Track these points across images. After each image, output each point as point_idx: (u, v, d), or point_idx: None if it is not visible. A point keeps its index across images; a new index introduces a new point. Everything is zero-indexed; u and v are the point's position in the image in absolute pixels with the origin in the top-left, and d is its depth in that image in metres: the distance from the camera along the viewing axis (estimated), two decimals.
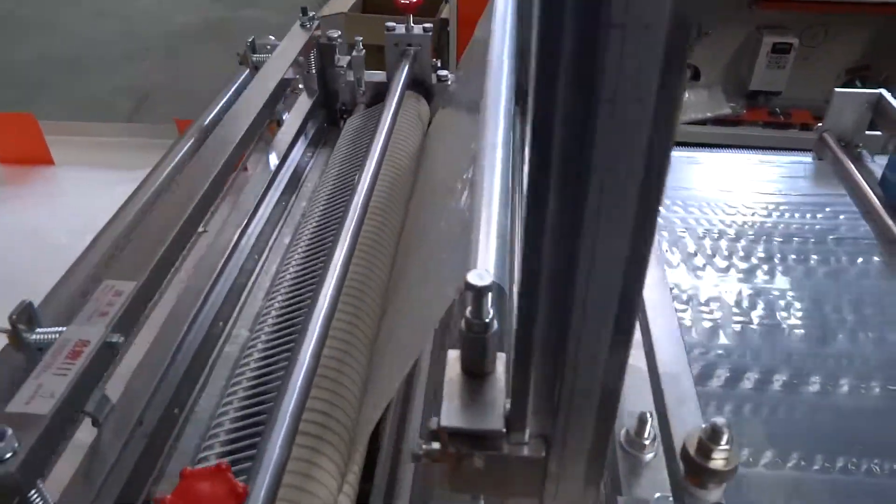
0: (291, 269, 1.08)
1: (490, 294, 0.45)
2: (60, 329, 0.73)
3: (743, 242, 1.21)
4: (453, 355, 0.50)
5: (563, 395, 0.42)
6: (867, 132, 1.41)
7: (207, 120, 1.33)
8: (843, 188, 1.32)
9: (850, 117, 1.42)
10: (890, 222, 1.19)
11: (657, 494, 0.50)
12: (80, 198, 1.56)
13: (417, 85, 1.52)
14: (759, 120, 3.04)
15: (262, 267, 1.17)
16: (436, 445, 0.47)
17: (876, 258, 1.14)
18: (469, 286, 0.45)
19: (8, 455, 0.60)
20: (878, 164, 1.34)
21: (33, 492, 0.62)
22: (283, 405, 0.72)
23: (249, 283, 1.13)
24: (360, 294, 0.98)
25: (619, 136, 0.31)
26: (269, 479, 0.64)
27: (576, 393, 0.42)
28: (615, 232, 0.34)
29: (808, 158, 1.47)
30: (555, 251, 0.35)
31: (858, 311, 1.05)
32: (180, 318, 0.93)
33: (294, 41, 1.43)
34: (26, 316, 0.73)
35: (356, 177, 1.11)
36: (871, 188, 1.26)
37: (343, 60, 1.54)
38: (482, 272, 0.45)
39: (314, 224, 1.17)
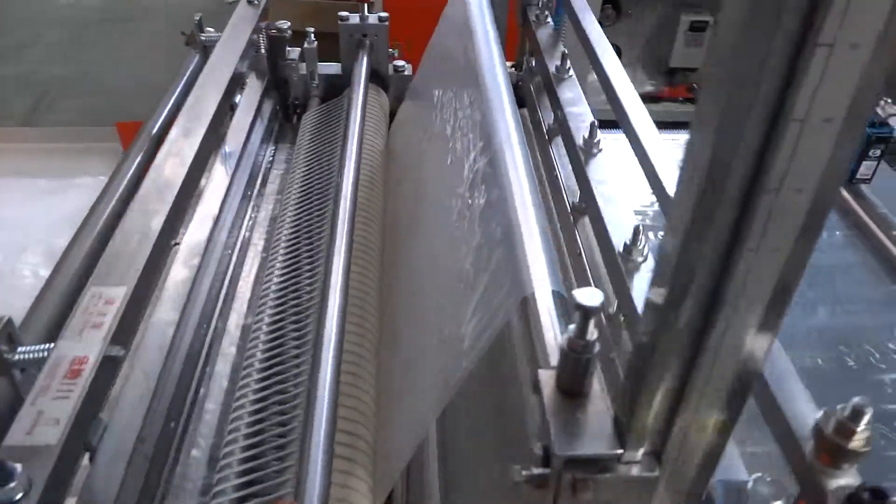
0: (276, 279, 1.03)
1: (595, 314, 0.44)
2: (47, 346, 0.66)
3: None
4: (547, 375, 0.48)
5: (685, 410, 0.42)
6: None
7: (161, 119, 1.24)
8: None
9: None
10: (846, 194, 1.25)
11: (756, 475, 0.51)
12: (12, 210, 1.43)
13: (375, 77, 1.47)
14: (679, 96, 3.15)
15: (239, 273, 1.11)
16: (539, 471, 0.45)
17: (838, 232, 1.21)
18: (579, 306, 0.43)
19: (19, 496, 0.52)
20: None
21: None
22: (313, 435, 0.69)
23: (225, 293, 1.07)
24: (362, 303, 0.95)
25: (805, 156, 0.30)
26: None
27: (701, 407, 0.41)
28: (778, 243, 0.33)
29: None
30: (710, 267, 0.34)
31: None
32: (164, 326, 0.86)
33: (242, 25, 1.33)
34: (6, 334, 0.65)
35: (336, 180, 1.08)
36: None
37: (294, 53, 1.47)
38: (592, 292, 0.43)
39: (291, 230, 1.12)
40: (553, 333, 0.54)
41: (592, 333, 0.44)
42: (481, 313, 0.64)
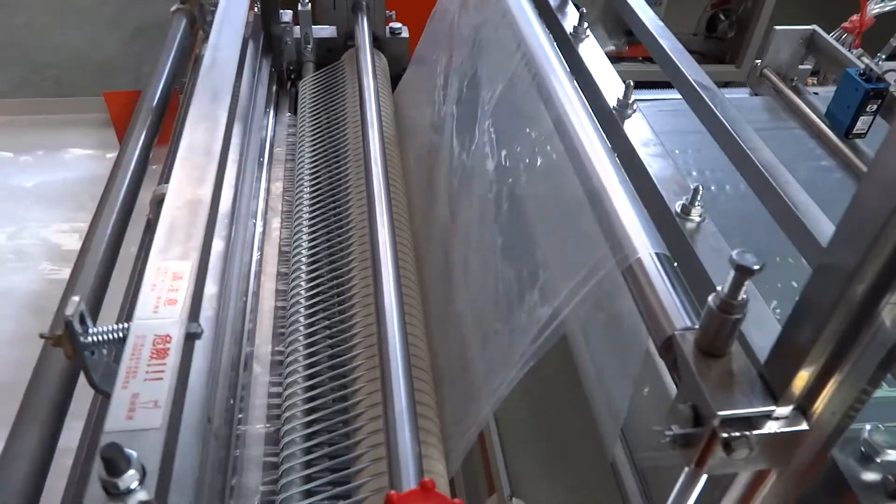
0: (306, 244, 1.02)
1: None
2: (120, 326, 0.61)
3: None
4: (685, 336, 0.48)
5: (838, 372, 0.43)
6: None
7: (160, 86, 1.18)
8: (794, 121, 1.42)
9: (786, 53, 1.51)
10: (844, 148, 1.29)
11: (872, 423, 0.52)
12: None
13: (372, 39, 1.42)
14: (640, 55, 3.18)
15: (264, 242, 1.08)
16: (689, 430, 0.46)
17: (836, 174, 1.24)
18: (739, 266, 0.43)
19: (135, 485, 0.49)
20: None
21: None
22: (395, 406, 0.68)
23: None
24: (405, 271, 0.93)
25: None
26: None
27: (854, 370, 0.42)
28: None
29: (744, 94, 1.55)
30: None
31: None
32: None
33: None
34: (79, 314, 0.60)
35: (362, 153, 1.06)
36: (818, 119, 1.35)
37: (286, 15, 1.41)
38: (750, 254, 0.43)
39: (313, 197, 1.10)
40: (669, 297, 0.54)
41: (744, 295, 0.44)
42: (572, 282, 0.64)
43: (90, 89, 1.63)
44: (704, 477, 0.51)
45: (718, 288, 0.45)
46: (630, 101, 0.94)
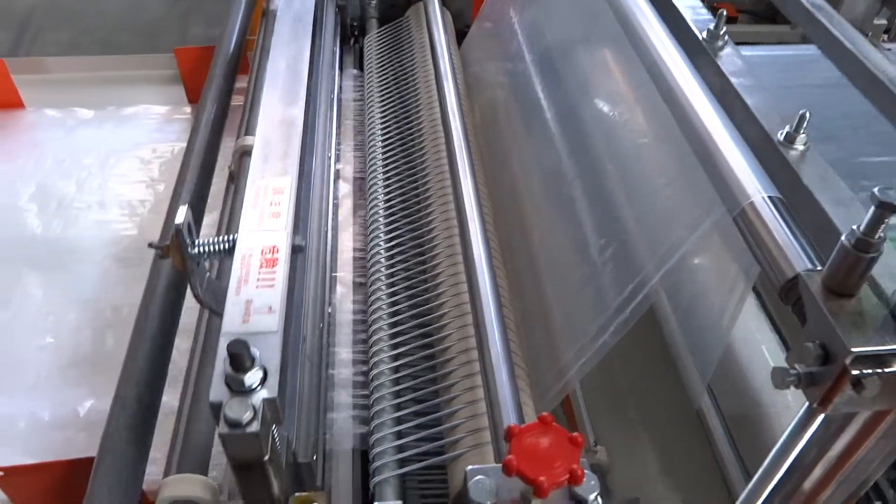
0: (382, 205, 1.03)
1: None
2: (225, 238, 0.63)
3: None
4: (812, 276, 0.48)
5: None
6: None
7: (234, 40, 1.20)
8: None
9: (862, 6, 1.46)
10: None
11: None
12: (65, 143, 1.38)
13: None
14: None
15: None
16: (817, 368, 0.46)
17: None
18: (883, 204, 0.43)
19: (256, 384, 0.50)
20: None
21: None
22: (491, 348, 0.69)
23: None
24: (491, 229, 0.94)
25: None
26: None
27: None
28: None
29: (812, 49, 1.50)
30: None
31: None
32: None
33: None
34: (186, 225, 0.62)
35: (438, 105, 1.06)
36: None
37: None
38: (894, 190, 0.43)
39: (386, 157, 1.11)
40: (788, 239, 0.53)
41: (882, 232, 0.44)
42: (675, 234, 0.64)
43: (137, 50, 1.67)
44: (820, 418, 0.52)
45: (854, 226, 0.45)
46: (721, 32, 0.90)
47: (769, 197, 0.57)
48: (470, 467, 0.54)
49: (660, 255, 0.67)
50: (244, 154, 1.03)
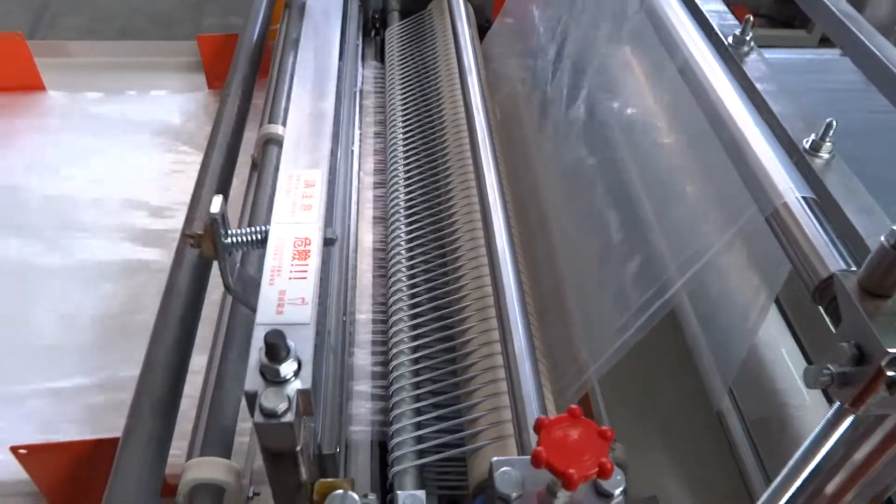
0: (403, 196, 1.03)
1: None
2: (258, 228, 0.64)
3: None
4: (847, 277, 0.48)
5: None
6: None
7: (257, 30, 1.20)
8: None
9: (885, 9, 1.46)
10: None
11: None
12: (85, 127, 1.38)
13: None
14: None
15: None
16: (850, 369, 0.46)
17: None
18: None
19: (290, 375, 0.50)
20: None
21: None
22: (515, 344, 0.70)
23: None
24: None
25: None
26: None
27: None
28: None
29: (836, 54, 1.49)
30: None
31: None
32: None
33: None
34: (221, 215, 0.62)
35: (462, 99, 1.06)
36: None
37: None
38: None
39: (408, 149, 1.11)
40: (822, 240, 0.53)
41: None
42: (704, 235, 0.64)
43: (152, 38, 1.68)
44: (849, 419, 0.52)
45: (893, 226, 0.45)
46: (747, 38, 0.90)
47: (803, 197, 0.57)
48: (495, 458, 0.54)
49: (686, 256, 0.67)
50: (268, 142, 1.04)
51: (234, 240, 0.63)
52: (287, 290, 0.57)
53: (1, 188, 1.27)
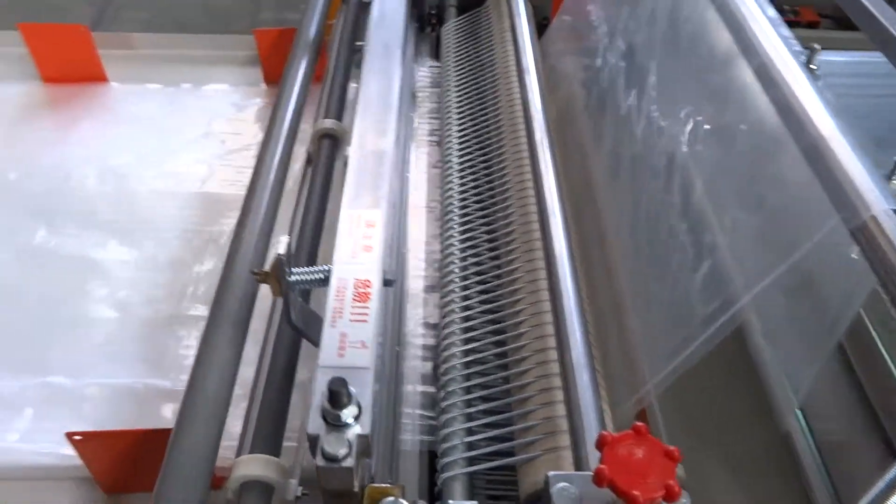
0: (457, 202, 1.01)
1: None
2: (321, 268, 0.65)
3: None
4: None
5: None
6: None
7: (314, 24, 1.21)
8: None
9: None
10: None
11: None
12: (144, 119, 1.41)
13: None
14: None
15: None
16: None
17: None
18: None
19: (351, 419, 0.52)
20: None
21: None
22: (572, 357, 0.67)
23: None
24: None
25: None
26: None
27: None
28: None
29: None
30: None
31: None
32: None
33: None
34: (288, 255, 0.64)
35: (520, 99, 1.04)
36: None
37: None
38: None
39: (462, 149, 1.09)
40: None
41: None
42: (784, 242, 0.60)
43: (210, 31, 1.71)
44: None
45: None
46: (815, 69, 0.86)
47: (893, 210, 0.54)
48: (552, 473, 0.52)
49: (756, 268, 0.64)
50: (323, 137, 1.03)
51: (298, 278, 0.64)
52: (348, 333, 0.59)
53: (61, 178, 1.29)
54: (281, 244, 0.63)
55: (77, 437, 0.79)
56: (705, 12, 0.87)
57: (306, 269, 0.65)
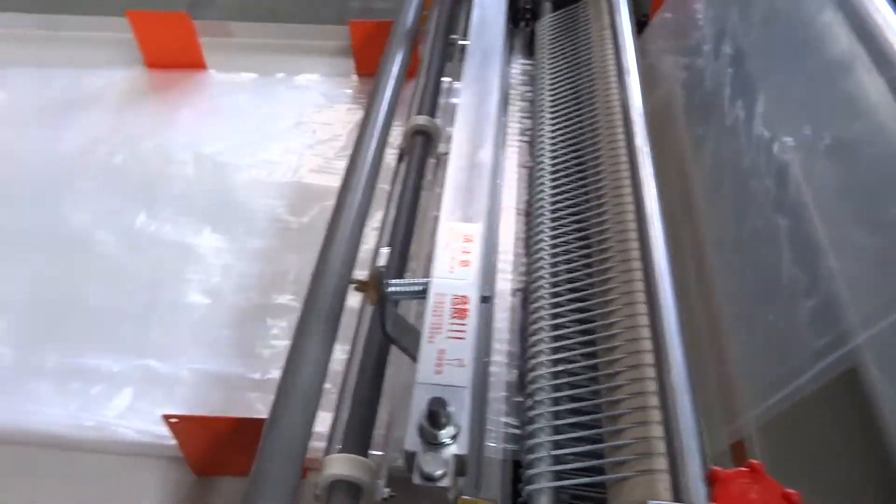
0: (548, 208, 0.99)
1: None
2: (419, 281, 0.65)
3: None
4: None
5: None
6: None
7: (410, 18, 1.20)
8: None
9: None
10: None
11: None
12: (239, 107, 1.44)
13: None
14: None
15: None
16: None
17: None
18: None
19: (449, 439, 0.52)
20: None
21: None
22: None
23: None
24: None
25: None
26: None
27: None
28: None
29: None
30: None
31: None
32: None
33: None
34: (387, 268, 0.64)
35: (620, 100, 1.00)
36: None
37: None
38: None
39: (555, 152, 1.06)
40: None
41: None
42: None
43: (299, 20, 1.73)
44: None
45: None
46: None
47: None
48: (653, 502, 0.50)
49: (880, 302, 0.59)
50: (416, 133, 1.03)
51: (397, 289, 0.64)
52: (446, 349, 0.58)
53: (161, 163, 1.34)
54: (382, 256, 0.64)
55: (173, 420, 0.82)
56: (829, 15, 0.82)
57: (404, 281, 0.66)
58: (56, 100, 1.48)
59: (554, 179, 1.02)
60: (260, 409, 0.92)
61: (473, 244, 0.68)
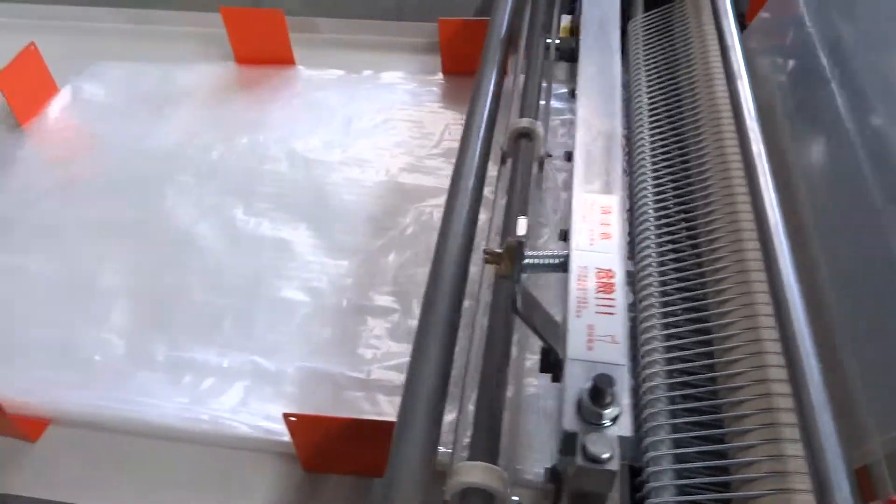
0: (652, 213, 0.97)
1: None
2: (555, 252, 0.64)
3: None
4: None
5: None
6: None
7: (507, 15, 1.19)
8: None
9: None
10: None
11: None
12: (327, 104, 1.46)
13: None
14: None
15: None
16: None
17: None
18: None
19: (609, 421, 0.50)
20: None
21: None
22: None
23: None
24: None
25: None
26: None
27: None
28: None
29: None
30: None
31: None
32: None
33: None
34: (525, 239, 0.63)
35: (731, 106, 0.98)
36: None
37: None
38: None
39: (655, 158, 1.04)
40: None
41: None
42: None
43: (394, 14, 1.73)
44: None
45: None
46: None
47: None
48: None
49: None
50: (519, 136, 1.02)
51: (533, 261, 0.63)
52: (595, 325, 0.56)
53: (256, 160, 1.36)
54: (521, 226, 0.62)
55: (292, 419, 0.84)
56: None
57: (541, 252, 0.64)
58: (150, 94, 1.52)
59: (657, 191, 0.99)
60: (366, 408, 0.94)
61: (612, 216, 0.67)
